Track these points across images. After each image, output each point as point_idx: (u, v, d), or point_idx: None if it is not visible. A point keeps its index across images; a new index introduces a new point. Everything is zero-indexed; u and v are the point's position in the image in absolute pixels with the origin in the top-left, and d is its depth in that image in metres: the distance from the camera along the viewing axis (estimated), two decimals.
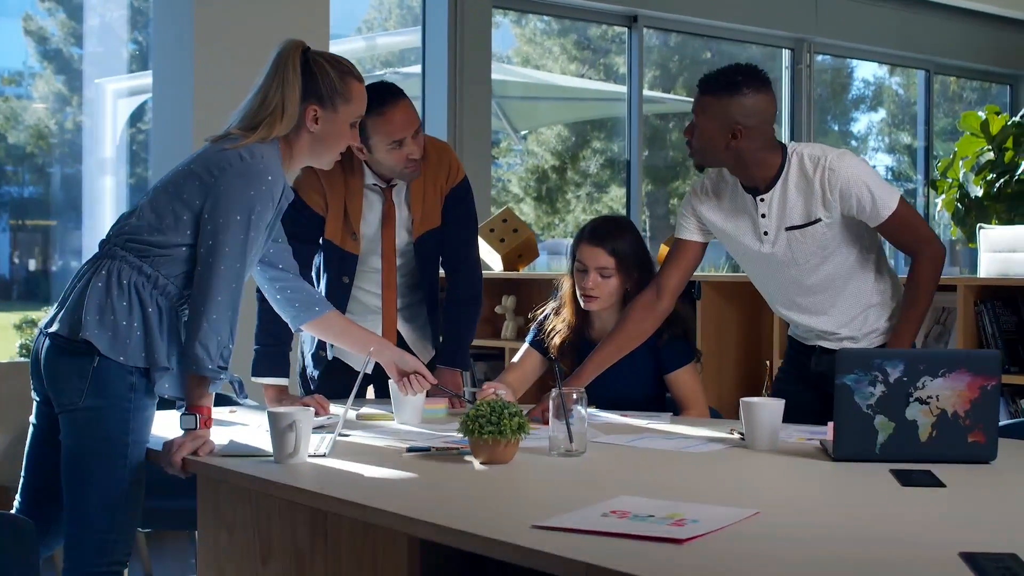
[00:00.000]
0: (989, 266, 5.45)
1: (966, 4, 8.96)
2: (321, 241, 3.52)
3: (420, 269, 3.60)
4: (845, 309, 3.24)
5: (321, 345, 3.61)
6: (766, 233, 3.19)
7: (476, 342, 3.95)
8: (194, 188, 2.75)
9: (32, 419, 2.88)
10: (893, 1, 8.71)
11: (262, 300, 3.24)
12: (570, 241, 8.53)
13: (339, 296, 3.51)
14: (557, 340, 3.55)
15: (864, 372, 2.55)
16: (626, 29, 7.84)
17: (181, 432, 2.69)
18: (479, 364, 5.64)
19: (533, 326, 3.65)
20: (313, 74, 2.83)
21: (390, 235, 3.52)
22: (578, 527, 1.94)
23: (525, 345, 3.64)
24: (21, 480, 2.89)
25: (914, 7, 8.79)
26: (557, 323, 3.58)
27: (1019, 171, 8.24)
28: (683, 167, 9.03)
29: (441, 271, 3.68)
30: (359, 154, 3.42)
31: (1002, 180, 8.29)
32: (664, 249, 5.01)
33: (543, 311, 3.66)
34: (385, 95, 3.34)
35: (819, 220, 3.11)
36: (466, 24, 6.89)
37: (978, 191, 8.31)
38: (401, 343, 3.56)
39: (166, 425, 2.92)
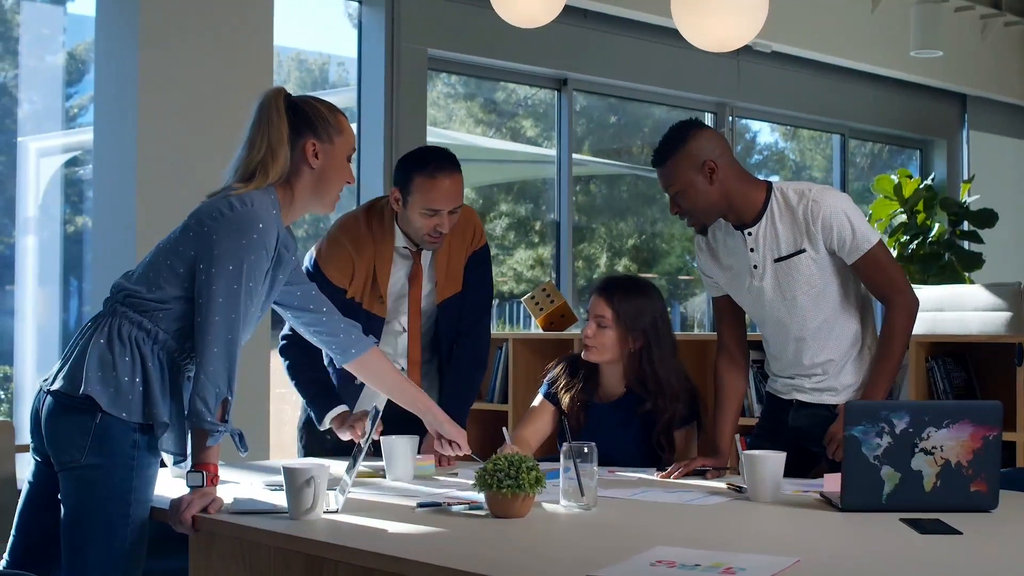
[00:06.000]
0: (916, 326, 5.56)
1: (879, 71, 9.25)
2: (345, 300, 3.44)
3: (438, 335, 3.59)
4: (828, 356, 3.31)
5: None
6: (755, 266, 3.28)
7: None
8: (188, 240, 2.73)
9: (28, 478, 2.80)
10: (810, 67, 8.96)
11: (286, 352, 3.24)
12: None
13: None
14: (565, 395, 3.56)
15: (871, 424, 2.61)
16: (555, 92, 7.94)
17: (188, 490, 2.65)
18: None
19: (546, 379, 3.65)
20: (303, 111, 2.83)
21: (416, 296, 3.53)
22: None
23: (539, 398, 3.63)
24: (11, 540, 2.81)
25: (830, 73, 9.05)
26: (567, 378, 3.58)
27: (931, 233, 8.50)
28: (588, 229, 9.12)
29: None
30: (394, 204, 3.42)
31: (915, 242, 8.54)
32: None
33: (552, 365, 3.67)
34: (444, 161, 3.38)
35: (804, 251, 3.21)
36: (402, 86, 6.91)
37: (892, 252, 8.53)
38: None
39: (165, 482, 2.87)
